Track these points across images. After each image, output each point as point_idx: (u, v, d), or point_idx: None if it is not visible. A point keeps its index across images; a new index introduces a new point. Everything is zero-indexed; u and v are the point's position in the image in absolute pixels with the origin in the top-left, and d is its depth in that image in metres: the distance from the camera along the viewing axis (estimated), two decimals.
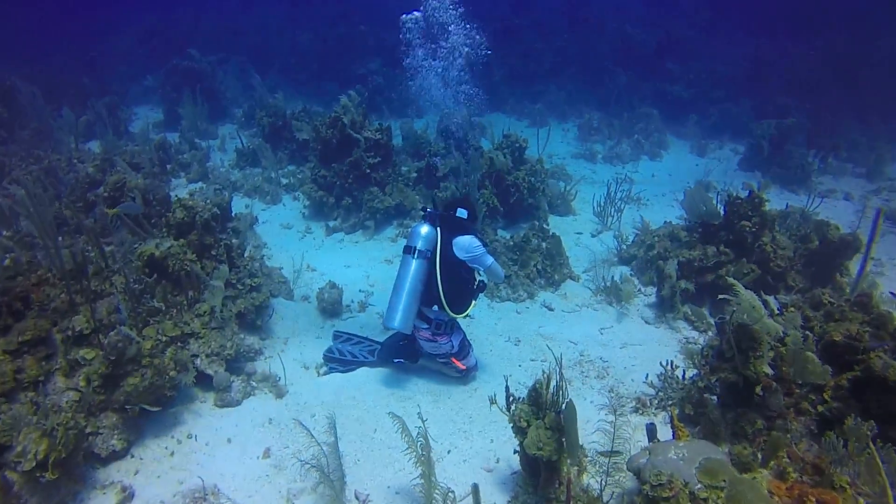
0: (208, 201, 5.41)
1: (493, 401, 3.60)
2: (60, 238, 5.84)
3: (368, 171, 7.71)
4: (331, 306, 5.69)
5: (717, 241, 5.75)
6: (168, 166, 9.07)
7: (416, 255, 4.30)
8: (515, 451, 3.45)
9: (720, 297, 3.99)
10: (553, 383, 3.31)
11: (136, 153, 8.98)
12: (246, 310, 5.07)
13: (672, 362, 4.66)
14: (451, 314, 4.36)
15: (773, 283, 5.48)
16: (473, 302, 4.51)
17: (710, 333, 5.38)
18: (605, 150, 11.45)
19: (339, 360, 4.88)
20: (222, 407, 4.31)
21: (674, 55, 14.93)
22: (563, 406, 3.06)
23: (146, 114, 13.90)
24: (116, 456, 3.72)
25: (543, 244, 6.37)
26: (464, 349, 4.62)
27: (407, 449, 3.28)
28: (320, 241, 7.49)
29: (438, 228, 4.31)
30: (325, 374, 4.82)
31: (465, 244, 4.28)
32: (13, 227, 6.43)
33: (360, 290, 6.21)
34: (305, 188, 7.94)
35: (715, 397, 4.00)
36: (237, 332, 4.84)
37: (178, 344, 4.41)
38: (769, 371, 3.39)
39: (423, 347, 4.63)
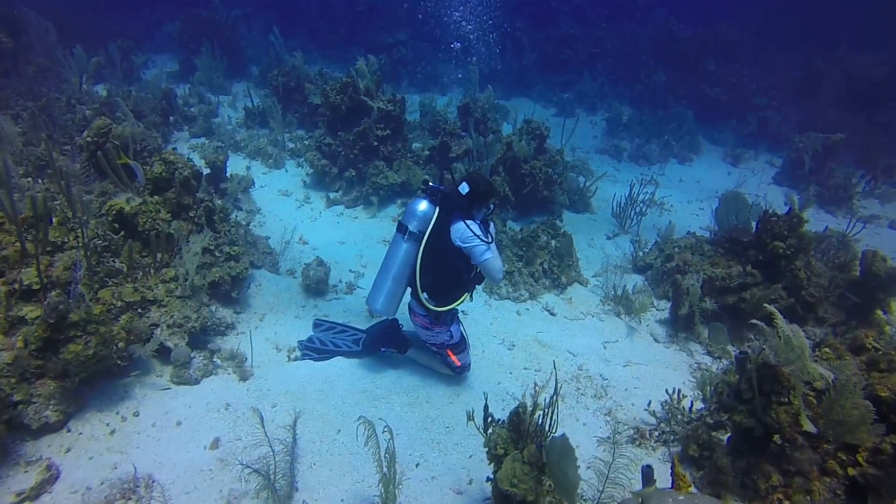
0: (194, 159, 4.98)
1: (470, 416, 3.15)
2: (40, 181, 5.49)
3: (376, 143, 7.21)
4: (315, 285, 5.27)
5: (745, 260, 5.19)
6: (171, 118, 8.65)
7: (406, 237, 3.84)
8: (489, 479, 3.00)
9: (751, 321, 3.46)
10: (541, 407, 2.83)
11: (140, 100, 8.61)
12: (221, 280, 4.66)
13: (679, 391, 4.17)
14: (430, 306, 3.88)
15: (802, 313, 4.93)
16: (466, 295, 3.97)
17: (724, 362, 4.86)
18: (632, 149, 10.79)
19: (316, 350, 4.46)
20: (179, 384, 3.93)
21: (717, 56, 14.04)
22: (548, 440, 2.59)
23: (164, 62, 13.50)
24: (50, 429, 3.35)
25: (553, 242, 5.86)
26: (461, 343, 4.20)
27: (371, 460, 2.86)
28: (318, 213, 7.05)
29: (438, 207, 3.79)
30: (297, 359, 4.40)
31: (461, 231, 3.74)
32: None
33: (350, 270, 5.77)
34: (309, 155, 7.48)
35: (725, 439, 3.52)
36: (207, 303, 4.44)
37: (138, 310, 4.02)
38: (811, 428, 2.87)
39: (418, 334, 4.20)
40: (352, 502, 3.18)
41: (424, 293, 3.90)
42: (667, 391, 4.18)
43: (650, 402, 4.18)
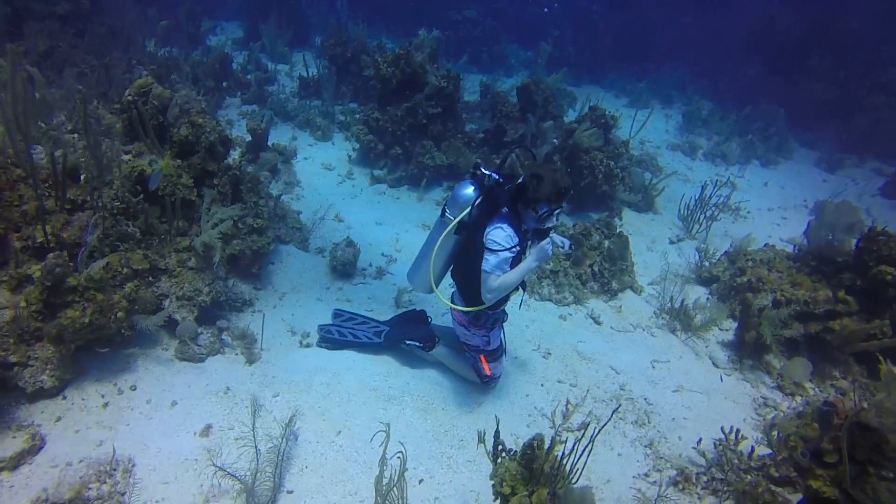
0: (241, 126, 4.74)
1: (481, 438, 2.70)
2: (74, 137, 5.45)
3: (425, 121, 6.77)
4: (343, 267, 4.94)
5: (837, 284, 4.39)
6: (224, 83, 8.58)
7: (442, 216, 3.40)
8: None
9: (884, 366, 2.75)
10: (561, 445, 2.34)
11: (197, 64, 8.59)
12: (241, 253, 4.41)
13: (738, 430, 3.53)
14: (457, 305, 3.44)
15: None
16: (514, 294, 3.44)
17: (798, 400, 4.13)
18: (709, 146, 9.79)
19: (334, 341, 4.12)
20: (182, 360, 3.71)
21: (824, 49, 12.45)
22: (565, 488, 2.10)
23: (233, 30, 13.61)
24: (45, 394, 3.19)
25: (606, 242, 5.23)
26: (497, 352, 3.72)
27: (368, 470, 2.49)
28: (359, 190, 6.73)
29: (482, 198, 3.21)
30: (308, 346, 4.09)
31: (492, 233, 3.15)
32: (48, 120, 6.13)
33: (382, 254, 5.41)
34: (355, 129, 7.15)
35: (795, 502, 2.89)
36: (223, 276, 4.20)
37: (148, 279, 3.82)
38: None
39: (455, 330, 3.78)
40: None
41: (454, 289, 3.50)
42: (722, 429, 3.55)
43: (700, 438, 3.57)
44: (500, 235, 3.12)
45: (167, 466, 2.92)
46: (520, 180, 3.17)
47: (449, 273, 3.59)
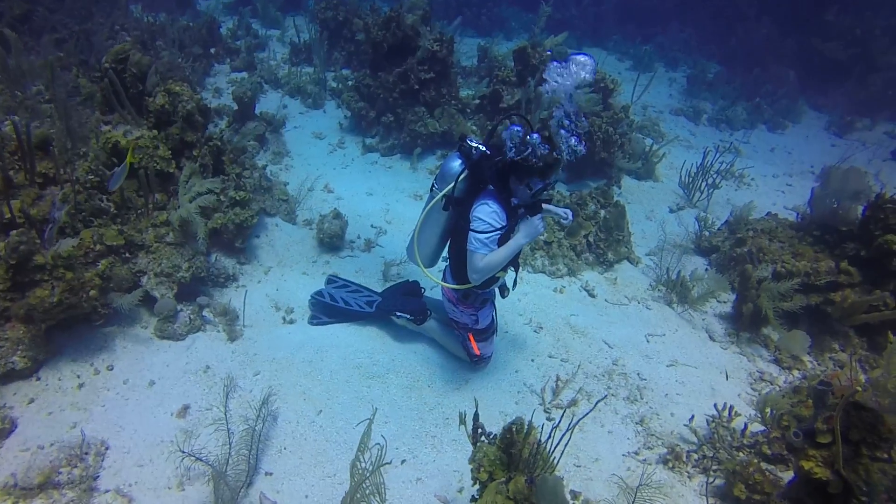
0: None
1: (462, 419, 2.60)
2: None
3: (417, 87, 6.51)
4: (330, 239, 4.80)
5: (840, 254, 4.22)
6: (212, 49, 8.28)
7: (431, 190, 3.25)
8: (473, 500, 2.48)
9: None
10: (537, 431, 2.24)
11: (183, 29, 8.28)
12: (224, 227, 4.28)
13: (732, 407, 3.43)
14: (447, 283, 3.32)
15: None
16: (500, 275, 3.25)
17: (796, 374, 4.02)
18: (714, 111, 9.46)
19: (327, 308, 4.02)
20: (162, 338, 3.62)
21: (840, 4, 11.83)
22: (541, 476, 2.00)
23: None
24: (17, 375, 3.12)
25: (602, 212, 5.06)
26: (487, 331, 3.58)
27: (349, 450, 2.41)
28: (350, 160, 6.53)
29: (468, 172, 3.02)
30: (292, 322, 3.99)
31: (479, 210, 2.96)
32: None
33: (371, 226, 5.26)
34: (346, 96, 6.91)
35: (786, 481, 2.80)
36: (204, 251, 4.08)
37: (125, 255, 3.70)
38: None
39: (443, 306, 3.67)
40: (317, 500, 2.76)
41: (447, 263, 3.38)
42: (715, 405, 3.46)
43: (693, 416, 3.47)
44: (485, 212, 2.94)
45: (142, 448, 2.86)
46: (510, 153, 2.93)
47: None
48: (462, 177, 2.99)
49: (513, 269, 3.35)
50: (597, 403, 3.37)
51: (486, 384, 3.68)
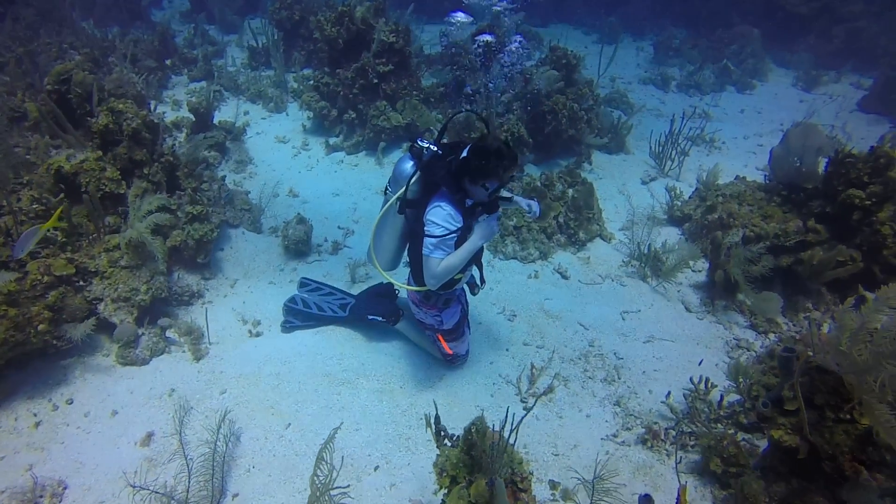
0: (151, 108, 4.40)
1: (429, 422, 2.54)
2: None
3: (377, 81, 6.39)
4: (295, 245, 4.71)
5: (807, 213, 4.18)
6: (168, 60, 8.09)
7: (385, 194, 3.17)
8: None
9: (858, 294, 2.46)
10: (505, 428, 2.19)
11: (136, 42, 8.08)
12: (183, 244, 4.17)
13: (708, 379, 3.40)
14: (409, 286, 3.25)
15: (882, 279, 3.94)
16: (459, 276, 3.11)
17: (773, 338, 4.00)
18: (682, 77, 9.38)
19: (300, 313, 3.95)
20: (124, 365, 3.53)
21: None
22: (494, 480, 1.95)
23: (181, 2, 12.84)
24: None
25: (570, 191, 4.99)
26: (456, 331, 3.51)
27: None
28: (315, 161, 6.41)
29: (420, 173, 2.90)
30: (259, 335, 3.90)
31: (433, 213, 2.86)
32: None
33: (339, 227, 5.17)
34: (305, 97, 6.77)
35: (762, 449, 2.78)
36: (163, 271, 3.97)
37: (79, 283, 3.59)
38: None
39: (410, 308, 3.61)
40: None
41: (383, 268, 3.20)
42: (691, 379, 3.42)
43: (669, 392, 3.44)
44: (439, 215, 2.84)
45: (104, 484, 2.78)
46: (463, 153, 2.82)
47: None
48: (414, 179, 2.90)
49: (476, 267, 3.28)
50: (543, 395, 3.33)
51: (460, 379, 3.63)
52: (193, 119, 6.10)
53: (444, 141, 3.02)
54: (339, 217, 5.36)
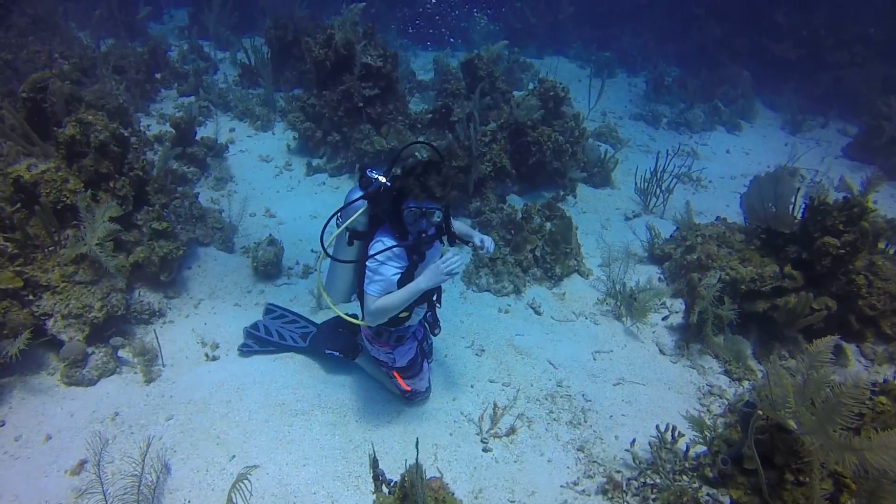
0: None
1: (372, 465, 2.39)
2: None
3: (362, 104, 6.36)
4: (264, 267, 4.60)
5: (784, 258, 4.12)
6: (158, 74, 8.07)
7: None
8: None
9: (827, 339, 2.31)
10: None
11: (125, 54, 8.06)
12: (147, 261, 4.06)
13: (675, 428, 3.26)
14: (347, 318, 3.10)
15: (857, 328, 3.86)
16: (404, 315, 2.94)
17: (746, 385, 3.89)
18: (673, 115, 9.44)
19: (259, 339, 3.82)
20: (69, 385, 3.38)
21: (789, 4, 12.01)
22: None
23: (182, 17, 12.94)
24: None
25: (548, 225, 4.92)
26: (412, 368, 3.36)
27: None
28: (296, 182, 6.34)
29: (367, 205, 2.80)
30: (215, 359, 3.76)
31: (371, 251, 2.75)
32: None
33: (312, 250, 5.07)
34: (291, 117, 6.75)
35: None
36: (122, 288, 3.84)
37: (28, 297, 3.46)
38: None
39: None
40: None
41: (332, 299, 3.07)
42: (658, 427, 3.29)
43: (634, 439, 3.30)
44: (377, 249, 2.73)
45: None
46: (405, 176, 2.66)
47: None
48: (363, 210, 2.81)
49: (427, 308, 3.14)
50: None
51: (419, 415, 3.49)
52: (174, 133, 6.04)
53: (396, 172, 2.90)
54: (314, 240, 5.24)
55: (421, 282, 2.69)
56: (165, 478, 2.83)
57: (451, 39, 12.53)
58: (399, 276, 2.76)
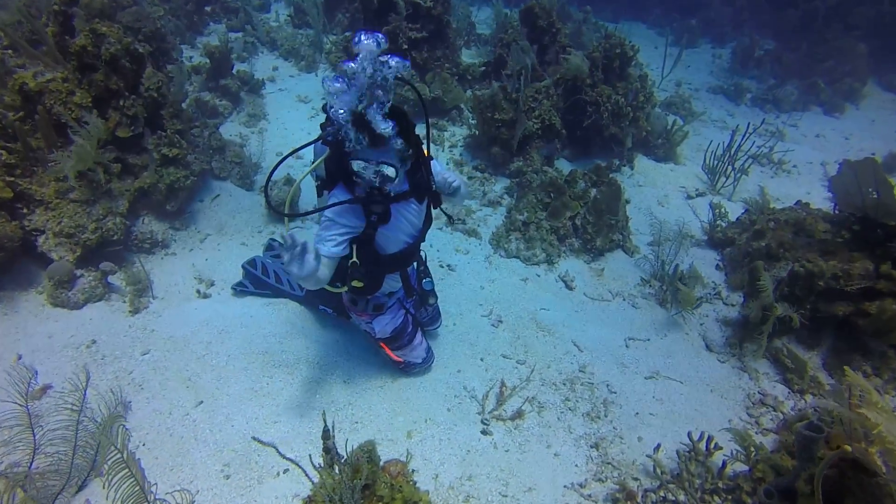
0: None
1: (326, 435, 2.01)
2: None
3: (406, 47, 5.87)
4: (278, 207, 4.28)
5: (882, 255, 3.37)
6: (208, 8, 7.87)
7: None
8: None
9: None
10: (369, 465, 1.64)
11: None
12: (152, 188, 3.83)
13: (711, 438, 2.71)
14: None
15: None
16: (357, 284, 2.43)
17: (809, 399, 3.23)
18: (760, 90, 8.36)
19: (256, 279, 3.53)
20: (55, 306, 3.21)
21: None
22: None
23: None
24: None
25: (593, 191, 4.32)
26: (400, 338, 2.95)
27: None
28: None
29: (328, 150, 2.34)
30: (207, 296, 3.50)
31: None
32: None
33: None
34: (332, 57, 6.36)
35: None
36: (122, 211, 3.63)
37: (22, 210, 3.29)
38: None
39: None
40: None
41: None
42: (690, 434, 2.75)
43: (659, 444, 2.77)
44: (330, 208, 2.33)
45: None
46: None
47: None
48: (326, 156, 2.35)
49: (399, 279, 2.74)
50: None
51: (416, 384, 3.10)
52: (209, 63, 5.80)
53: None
54: None
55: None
56: (125, 415, 2.58)
57: None
58: (351, 235, 2.34)
